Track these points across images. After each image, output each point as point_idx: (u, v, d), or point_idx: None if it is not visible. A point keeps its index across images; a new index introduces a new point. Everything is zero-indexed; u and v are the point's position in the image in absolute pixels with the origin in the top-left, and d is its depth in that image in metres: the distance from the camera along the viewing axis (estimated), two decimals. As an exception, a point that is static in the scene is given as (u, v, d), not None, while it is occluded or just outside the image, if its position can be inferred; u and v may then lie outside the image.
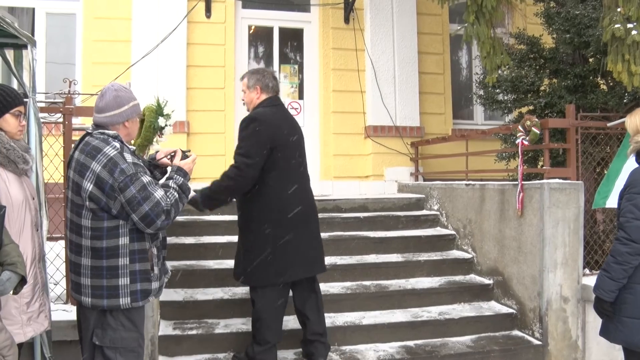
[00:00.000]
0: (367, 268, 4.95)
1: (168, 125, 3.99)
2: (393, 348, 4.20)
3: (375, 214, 5.74)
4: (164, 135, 4.03)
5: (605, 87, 5.58)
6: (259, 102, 3.74)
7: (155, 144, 4.01)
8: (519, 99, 5.89)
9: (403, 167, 7.09)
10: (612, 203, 4.01)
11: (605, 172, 5.08)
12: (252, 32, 7.28)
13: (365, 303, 4.59)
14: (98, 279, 2.52)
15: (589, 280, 4.22)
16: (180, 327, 4.09)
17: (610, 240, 4.77)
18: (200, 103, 6.71)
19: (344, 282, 4.77)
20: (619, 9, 4.36)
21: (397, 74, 7.19)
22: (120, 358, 2.55)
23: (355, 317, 4.44)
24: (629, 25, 4.27)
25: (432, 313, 4.57)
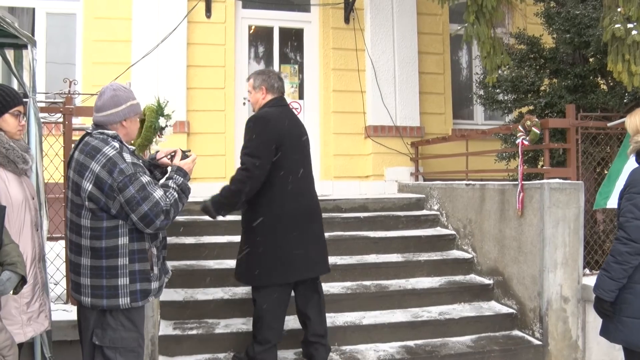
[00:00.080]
0: (367, 268, 4.95)
1: (168, 126, 3.99)
2: (393, 348, 4.20)
3: (376, 214, 5.74)
4: (164, 136, 4.03)
5: (606, 87, 5.58)
6: (265, 102, 3.75)
7: (155, 144, 4.02)
8: (519, 99, 5.89)
9: (403, 167, 7.09)
10: (613, 203, 4.01)
11: (606, 172, 5.08)
12: (252, 32, 7.28)
13: (366, 303, 4.60)
14: (98, 279, 2.52)
15: (589, 280, 4.21)
16: (181, 327, 4.09)
17: (611, 240, 4.76)
18: (201, 103, 6.72)
19: (344, 282, 4.77)
20: (619, 9, 4.36)
21: (397, 74, 7.19)
22: (120, 358, 2.55)
23: (356, 317, 4.44)
24: (629, 25, 4.27)
25: (432, 313, 4.57)
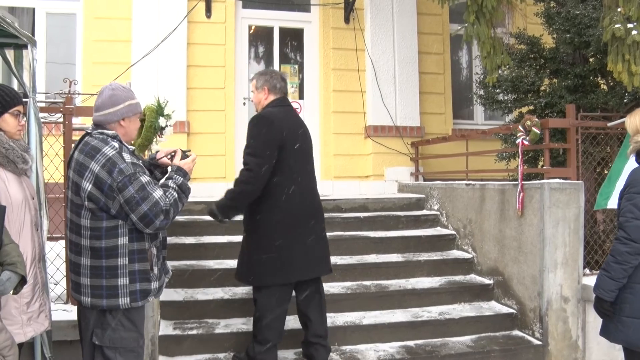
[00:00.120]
0: (367, 268, 4.95)
1: (168, 126, 4.00)
2: (393, 348, 4.20)
3: (376, 214, 5.74)
4: (164, 136, 4.04)
5: (606, 87, 5.58)
6: (267, 102, 3.75)
7: (156, 144, 4.02)
8: (519, 99, 5.89)
9: (403, 167, 7.09)
10: (613, 204, 4.00)
11: (606, 172, 5.08)
12: (252, 32, 7.28)
13: (366, 303, 4.59)
14: (97, 279, 2.52)
15: (589, 280, 4.21)
16: (181, 327, 4.09)
17: (611, 240, 4.76)
18: (201, 103, 6.71)
19: (344, 282, 4.77)
20: (619, 9, 4.36)
21: (397, 74, 7.18)
22: (120, 358, 2.55)
23: (356, 317, 4.44)
24: (629, 25, 4.27)
25: (432, 313, 4.57)
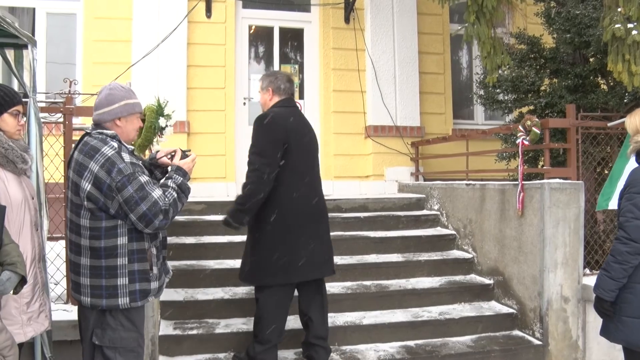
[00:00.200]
0: (367, 268, 4.95)
1: (168, 126, 4.00)
2: (393, 348, 4.20)
3: (376, 214, 5.74)
4: (165, 136, 4.04)
5: (606, 87, 5.57)
6: (272, 103, 3.77)
7: (156, 144, 4.02)
8: (520, 99, 5.89)
9: (403, 167, 7.09)
10: (614, 205, 3.99)
11: (606, 172, 5.08)
12: (252, 32, 7.28)
13: (366, 303, 4.60)
14: (97, 279, 2.52)
15: (590, 280, 4.21)
16: (181, 327, 4.09)
17: (611, 240, 4.76)
18: (201, 103, 6.71)
19: (345, 282, 4.77)
20: (620, 9, 4.36)
21: (397, 74, 7.18)
22: (120, 358, 2.55)
23: (356, 317, 4.44)
24: (630, 25, 4.27)
25: (432, 313, 4.57)
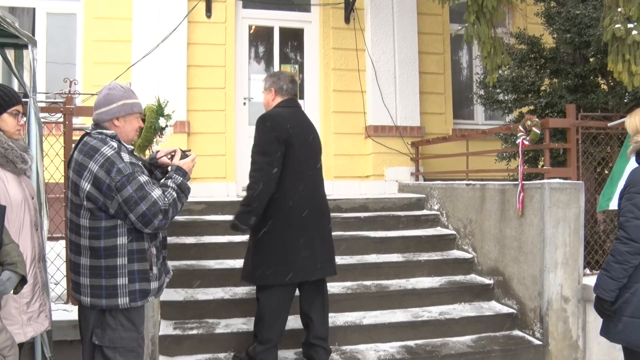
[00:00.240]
0: (367, 268, 4.95)
1: (169, 126, 4.00)
2: (393, 348, 4.20)
3: (376, 214, 5.74)
4: (165, 136, 4.04)
5: (606, 87, 5.57)
6: (275, 104, 3.78)
7: (156, 144, 4.02)
8: (520, 99, 5.89)
9: (403, 167, 7.09)
10: (615, 205, 3.99)
11: (606, 172, 5.08)
12: (252, 32, 7.28)
13: (366, 303, 4.60)
14: (97, 279, 2.52)
15: (590, 280, 4.21)
16: (181, 326, 4.09)
17: (611, 240, 4.76)
18: (201, 103, 6.71)
19: (345, 282, 4.76)
20: (620, 9, 4.36)
21: (397, 74, 7.18)
22: (120, 358, 2.55)
23: (356, 317, 4.44)
24: (630, 25, 4.27)
25: (432, 313, 4.57)
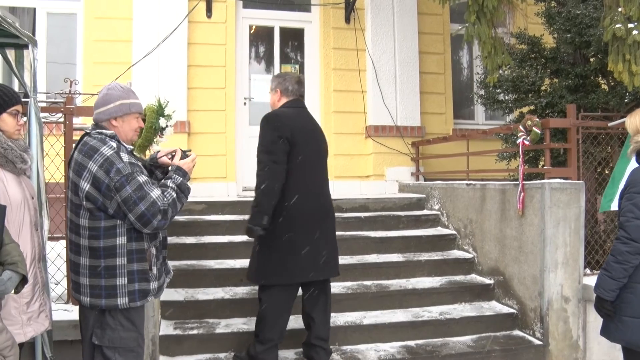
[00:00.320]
0: (367, 268, 4.95)
1: (169, 126, 3.99)
2: (394, 348, 4.20)
3: (376, 214, 5.74)
4: (165, 136, 4.03)
5: (606, 86, 5.57)
6: (280, 104, 3.79)
7: (156, 145, 4.02)
8: (520, 99, 5.88)
9: (404, 167, 7.08)
10: (617, 206, 3.99)
11: (607, 172, 5.08)
12: (252, 31, 7.28)
13: (366, 303, 4.59)
14: (96, 279, 2.53)
15: (590, 280, 4.20)
16: (181, 326, 4.09)
17: (611, 240, 4.76)
18: (201, 103, 6.71)
19: (345, 282, 4.76)
20: (620, 9, 4.36)
21: (398, 74, 7.18)
22: (120, 358, 2.55)
23: (356, 317, 4.44)
24: (630, 25, 4.27)
25: (433, 313, 4.57)
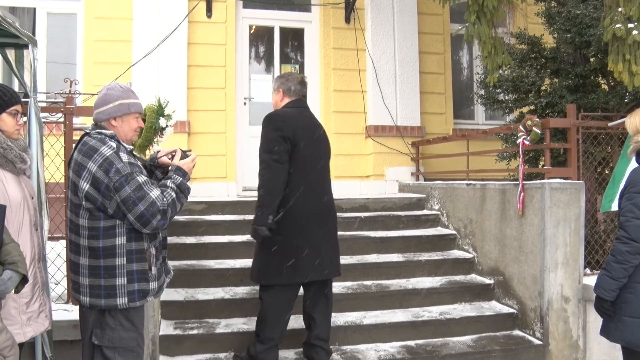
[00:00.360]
0: (368, 268, 4.95)
1: (169, 126, 3.99)
2: (394, 348, 4.20)
3: (376, 214, 5.74)
4: (165, 136, 4.03)
5: (606, 86, 5.57)
6: (283, 104, 3.80)
7: (156, 145, 4.02)
8: (520, 99, 5.88)
9: (404, 166, 7.08)
10: (617, 206, 3.99)
11: (607, 172, 5.08)
12: (253, 31, 7.28)
13: (366, 303, 4.59)
14: (96, 279, 2.53)
15: (590, 280, 4.20)
16: (181, 326, 4.09)
17: (611, 240, 4.76)
18: (201, 103, 6.71)
19: (345, 282, 4.76)
20: (620, 9, 4.36)
21: (398, 74, 7.18)
22: (119, 358, 2.55)
23: (356, 316, 4.44)
24: (630, 25, 4.27)
25: (433, 313, 4.57)
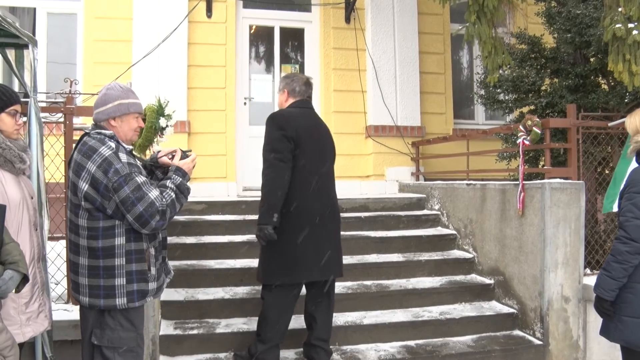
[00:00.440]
0: (368, 268, 4.95)
1: (169, 126, 3.99)
2: (394, 348, 4.20)
3: (376, 214, 5.74)
4: (165, 136, 4.03)
5: (606, 86, 5.57)
6: (287, 105, 3.82)
7: (156, 145, 4.02)
8: (520, 99, 5.89)
9: (404, 166, 7.08)
10: (618, 206, 3.99)
11: (607, 172, 5.08)
12: (253, 31, 7.28)
13: (366, 303, 4.59)
14: (95, 279, 2.53)
15: (590, 280, 4.20)
16: (181, 326, 4.09)
17: (611, 240, 4.75)
18: (201, 103, 6.71)
19: (345, 282, 4.75)
20: (620, 9, 4.36)
21: (398, 74, 7.18)
22: (119, 358, 2.55)
23: (356, 316, 4.44)
24: (630, 25, 4.27)
25: (433, 313, 4.56)
